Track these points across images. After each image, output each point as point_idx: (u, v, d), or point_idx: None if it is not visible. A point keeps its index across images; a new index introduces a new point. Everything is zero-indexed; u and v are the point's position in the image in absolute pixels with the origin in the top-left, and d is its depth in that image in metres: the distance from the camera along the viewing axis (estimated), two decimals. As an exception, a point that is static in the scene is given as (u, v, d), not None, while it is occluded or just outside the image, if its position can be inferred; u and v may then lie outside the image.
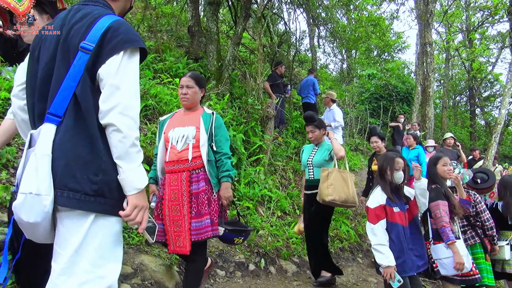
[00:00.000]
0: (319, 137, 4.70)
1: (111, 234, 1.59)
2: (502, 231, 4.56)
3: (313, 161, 4.62)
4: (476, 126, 24.39)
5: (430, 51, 12.06)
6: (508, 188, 4.49)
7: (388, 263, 3.34)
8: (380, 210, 3.51)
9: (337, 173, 4.25)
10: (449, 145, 9.89)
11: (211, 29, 9.72)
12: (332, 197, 4.11)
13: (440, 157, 4.09)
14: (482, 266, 4.24)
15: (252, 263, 4.69)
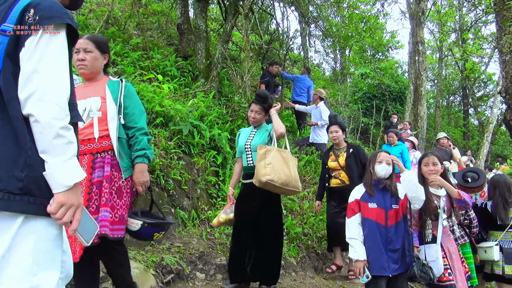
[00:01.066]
0: (261, 121, 4.17)
1: (47, 238, 1.42)
2: (491, 232, 4.46)
3: (252, 144, 4.01)
4: (470, 126, 24.40)
5: (422, 49, 11.98)
6: (498, 187, 4.38)
7: (357, 257, 3.32)
8: (355, 205, 3.51)
9: (277, 152, 3.72)
10: (442, 145, 9.76)
11: (199, 26, 9.59)
12: (269, 176, 3.51)
13: (424, 156, 3.96)
14: (472, 266, 4.16)
15: (235, 265, 4.53)
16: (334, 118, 5.44)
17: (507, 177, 4.56)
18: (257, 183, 3.65)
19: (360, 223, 3.44)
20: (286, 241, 5.50)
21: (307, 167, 7.96)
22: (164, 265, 3.87)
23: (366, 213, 3.44)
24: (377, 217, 3.42)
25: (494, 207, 4.31)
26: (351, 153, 5.12)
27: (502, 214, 4.23)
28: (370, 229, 3.39)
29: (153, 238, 2.89)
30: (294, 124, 11.01)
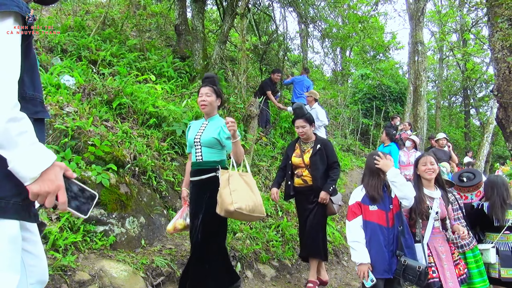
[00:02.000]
0: (213, 106, 3.63)
1: (2, 240, 1.37)
2: (488, 233, 4.39)
3: (202, 139, 3.56)
4: (471, 127, 24.29)
5: (421, 50, 11.90)
6: (495, 188, 4.31)
7: (361, 261, 3.26)
8: (356, 207, 3.45)
9: (238, 177, 3.37)
10: (441, 146, 9.72)
11: (196, 27, 9.57)
12: (237, 205, 3.12)
13: (421, 156, 3.90)
14: (482, 269, 4.07)
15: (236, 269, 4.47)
16: (300, 110, 4.73)
17: (504, 178, 4.51)
18: (222, 212, 3.22)
19: (362, 226, 3.39)
20: (281, 243, 5.43)
21: (304, 168, 7.88)
22: (154, 268, 3.80)
23: (368, 216, 3.39)
24: (379, 219, 3.37)
25: (491, 207, 4.23)
26: (318, 150, 4.51)
27: (499, 214, 4.16)
28: (372, 232, 3.35)
29: None
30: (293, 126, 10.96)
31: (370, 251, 3.30)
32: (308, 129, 4.59)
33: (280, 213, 6.14)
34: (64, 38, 7.57)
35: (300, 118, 4.60)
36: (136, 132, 5.08)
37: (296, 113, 4.74)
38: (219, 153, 3.63)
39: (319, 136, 4.81)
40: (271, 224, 5.71)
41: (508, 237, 4.23)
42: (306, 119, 4.59)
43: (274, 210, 6.12)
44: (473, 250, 4.15)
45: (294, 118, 4.76)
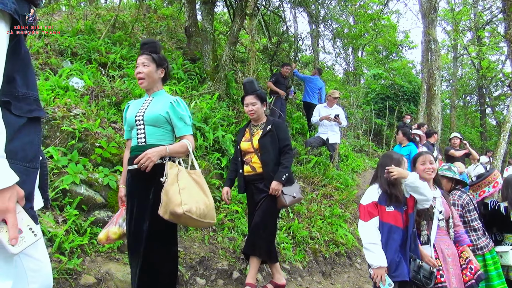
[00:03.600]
0: (152, 79, 2.96)
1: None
2: (507, 235, 4.24)
3: (146, 115, 2.89)
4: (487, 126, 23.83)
5: (435, 48, 11.67)
6: (510, 187, 4.16)
7: (379, 264, 3.08)
8: (373, 207, 3.26)
9: (186, 174, 2.75)
10: (454, 145, 9.52)
11: (206, 28, 9.51)
12: (187, 206, 2.54)
13: (420, 155, 3.76)
14: (500, 271, 3.97)
15: (237, 271, 4.38)
16: (250, 85, 4.08)
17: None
18: (166, 214, 2.58)
19: (378, 227, 3.24)
20: (292, 245, 5.33)
21: (315, 169, 7.77)
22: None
23: (385, 217, 3.23)
24: (396, 221, 3.23)
25: (509, 207, 4.09)
26: (268, 131, 3.95)
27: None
28: (390, 234, 3.20)
29: None
30: (304, 126, 10.86)
31: (387, 253, 3.15)
32: (259, 107, 4.01)
33: (292, 215, 6.04)
34: (75, 41, 7.59)
35: (250, 94, 4.01)
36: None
37: (246, 88, 4.12)
38: (167, 135, 2.95)
39: (271, 117, 4.25)
40: (282, 226, 5.61)
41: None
42: (258, 95, 4.00)
43: (285, 212, 6.01)
44: (490, 251, 4.03)
45: (243, 94, 4.14)
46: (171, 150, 2.81)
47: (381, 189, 3.32)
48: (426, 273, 3.23)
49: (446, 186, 4.16)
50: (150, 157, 2.67)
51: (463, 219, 3.98)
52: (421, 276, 3.20)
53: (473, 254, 3.87)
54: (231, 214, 5.25)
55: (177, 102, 2.94)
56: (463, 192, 4.11)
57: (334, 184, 7.63)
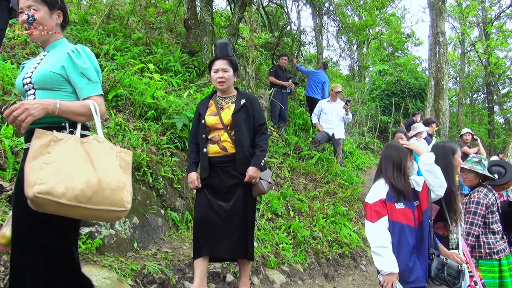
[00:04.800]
0: (46, 25, 2.20)
1: None
2: None
3: (34, 76, 2.15)
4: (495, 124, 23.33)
5: (443, 41, 11.24)
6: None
7: (390, 270, 2.68)
8: (380, 206, 2.84)
9: (74, 144, 1.98)
10: (466, 141, 9.10)
11: (205, 20, 9.19)
12: (43, 186, 1.77)
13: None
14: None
15: (231, 274, 4.00)
16: (224, 48, 3.50)
17: None
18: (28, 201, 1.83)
19: (388, 228, 2.85)
20: (292, 246, 4.95)
21: (318, 165, 7.38)
22: (145, 274, 3.36)
23: (395, 216, 2.84)
24: (407, 219, 2.86)
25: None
26: (243, 106, 3.37)
27: None
28: (401, 234, 2.81)
29: None
30: (308, 122, 10.48)
31: (399, 257, 2.77)
32: (231, 76, 3.40)
33: (292, 213, 5.65)
34: (67, 31, 7.25)
35: (222, 58, 3.40)
36: (132, 124, 4.67)
37: (218, 51, 3.50)
38: (66, 99, 2.13)
39: (243, 90, 3.69)
40: (282, 225, 5.22)
41: None
42: (231, 61, 3.39)
43: (285, 210, 5.63)
44: (507, 257, 3.65)
45: (214, 57, 3.51)
46: (64, 107, 2.00)
47: (387, 183, 2.93)
48: (453, 271, 2.84)
49: (473, 181, 3.77)
50: (29, 109, 1.87)
51: (485, 220, 3.60)
52: (446, 275, 2.81)
53: (489, 258, 3.58)
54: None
55: (76, 52, 2.17)
56: (489, 190, 3.70)
57: (338, 181, 7.24)
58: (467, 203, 3.65)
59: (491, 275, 3.58)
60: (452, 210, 3.14)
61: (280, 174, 6.55)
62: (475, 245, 3.62)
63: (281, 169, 6.65)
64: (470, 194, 3.70)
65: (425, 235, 2.95)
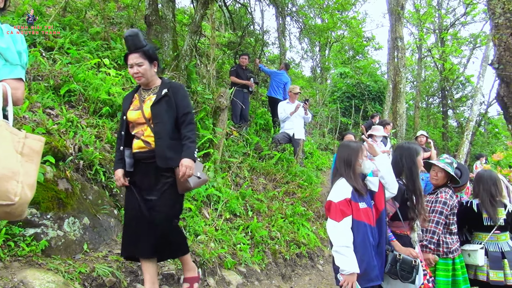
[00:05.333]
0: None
1: None
2: (476, 233, 4.00)
3: None
4: (448, 127, 24.31)
5: (401, 45, 11.58)
6: (483, 183, 3.92)
7: (352, 270, 2.69)
8: (346, 205, 2.84)
9: None
10: (420, 143, 9.42)
11: (166, 16, 9.01)
12: None
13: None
14: (466, 275, 3.79)
15: (186, 275, 3.92)
16: (134, 39, 3.15)
17: (493, 172, 4.10)
18: None
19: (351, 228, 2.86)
20: (250, 246, 4.92)
21: (278, 165, 7.40)
22: (94, 277, 3.23)
23: (359, 216, 2.86)
24: (369, 219, 2.91)
25: (482, 205, 3.85)
26: (164, 96, 3.15)
27: (490, 211, 3.77)
28: (365, 234, 2.84)
29: None
30: (269, 122, 10.50)
31: (364, 256, 2.80)
32: (147, 68, 3.14)
33: (251, 213, 5.62)
34: (18, 23, 6.90)
35: (135, 51, 3.12)
36: (85, 121, 4.49)
37: (128, 43, 3.19)
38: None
39: (167, 79, 3.39)
40: (240, 225, 5.18)
41: (498, 237, 3.86)
42: (144, 53, 3.12)
43: (244, 210, 5.59)
44: (459, 256, 3.79)
45: (126, 52, 3.24)
46: None
47: (349, 183, 2.95)
48: (407, 266, 2.90)
49: (441, 181, 3.87)
50: None
51: (446, 221, 3.71)
52: (399, 269, 2.87)
53: (445, 257, 3.68)
54: (184, 212, 4.77)
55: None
56: (454, 192, 3.84)
57: (298, 181, 7.28)
58: (433, 202, 3.74)
59: (445, 274, 3.69)
60: (418, 209, 3.21)
61: (239, 174, 6.51)
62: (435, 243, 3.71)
63: (240, 169, 6.61)
64: (436, 194, 3.80)
65: (382, 234, 3.01)
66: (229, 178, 6.12)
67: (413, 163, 3.29)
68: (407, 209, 3.23)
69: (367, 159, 3.00)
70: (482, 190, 3.90)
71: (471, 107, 12.74)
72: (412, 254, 3.03)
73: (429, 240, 3.64)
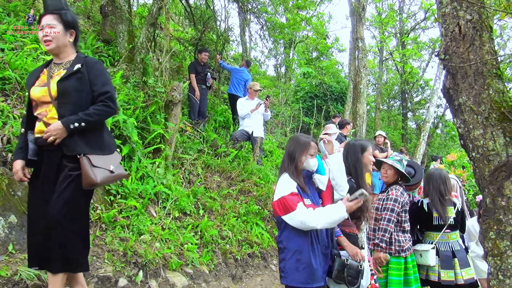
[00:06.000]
0: None
1: None
2: (427, 232, 3.96)
3: None
4: (408, 129, 24.93)
5: (362, 46, 11.67)
6: (432, 182, 3.89)
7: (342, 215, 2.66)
8: (295, 196, 2.68)
9: None
10: (378, 142, 9.52)
11: (121, 6, 8.62)
12: None
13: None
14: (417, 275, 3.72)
15: (125, 277, 3.65)
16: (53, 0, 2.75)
17: (443, 171, 4.07)
18: None
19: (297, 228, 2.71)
20: (198, 246, 4.70)
21: (234, 163, 7.20)
22: (16, 281, 2.93)
23: None
24: None
25: (432, 204, 3.82)
26: (76, 72, 2.70)
27: (440, 211, 3.74)
28: (305, 233, 2.69)
29: None
30: (229, 120, 10.30)
31: (306, 257, 2.67)
32: (60, 34, 2.68)
33: (202, 211, 5.40)
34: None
35: (50, 13, 2.70)
36: (19, 111, 4.13)
37: (46, 3, 2.77)
38: None
39: (83, 54, 2.88)
40: (188, 224, 4.95)
41: (448, 236, 3.83)
42: (61, 16, 2.69)
43: (195, 208, 5.36)
44: (411, 254, 3.73)
45: (41, 14, 2.79)
46: None
47: (291, 178, 2.80)
48: (353, 271, 2.78)
49: (391, 178, 3.80)
50: None
51: (398, 218, 3.63)
52: (346, 275, 2.74)
53: (397, 256, 3.60)
54: (128, 210, 4.49)
55: None
56: (405, 190, 3.77)
57: (254, 179, 7.11)
58: (384, 200, 3.67)
59: (397, 273, 3.61)
60: (363, 208, 3.10)
61: (193, 171, 6.27)
62: (387, 242, 3.62)
63: (194, 166, 6.36)
64: (387, 191, 3.72)
65: (329, 235, 2.90)
66: (181, 175, 5.87)
67: (357, 160, 3.20)
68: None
69: (313, 158, 2.83)
70: (432, 189, 3.88)
71: (428, 109, 12.99)
72: (358, 254, 2.92)
73: (380, 238, 3.56)
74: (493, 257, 2.14)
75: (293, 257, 2.68)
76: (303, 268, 2.65)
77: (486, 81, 2.12)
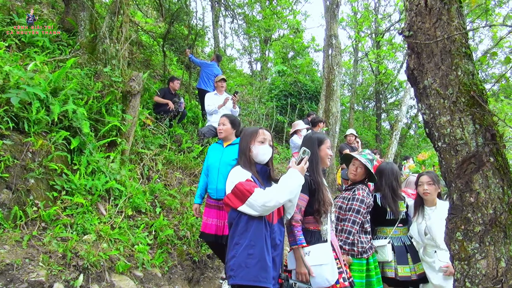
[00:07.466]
0: None
1: None
2: (380, 228, 3.80)
3: None
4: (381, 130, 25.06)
5: (336, 43, 11.48)
6: (384, 176, 3.72)
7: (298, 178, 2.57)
8: (250, 181, 2.51)
9: None
10: (349, 142, 9.34)
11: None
12: None
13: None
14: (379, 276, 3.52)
15: (61, 282, 3.27)
16: None
17: (394, 165, 3.92)
18: None
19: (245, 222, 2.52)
20: (151, 247, 4.35)
21: (198, 159, 6.86)
22: None
23: None
24: (269, 214, 2.58)
25: (383, 199, 3.64)
26: None
27: (392, 206, 3.57)
28: (258, 227, 2.47)
29: None
30: (198, 116, 9.96)
31: (257, 255, 2.43)
32: None
33: (159, 209, 5.04)
34: None
35: None
36: None
37: None
38: None
39: None
40: (141, 223, 4.58)
41: (401, 231, 3.73)
42: None
43: (151, 206, 5.00)
44: (372, 255, 3.52)
45: None
46: None
47: (245, 169, 2.55)
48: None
49: (360, 177, 3.60)
50: None
51: (362, 219, 3.40)
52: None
53: (360, 257, 3.39)
54: (73, 208, 4.10)
55: None
56: (370, 191, 3.55)
57: (219, 176, 6.77)
58: (350, 199, 3.43)
59: (359, 275, 3.39)
60: (320, 200, 2.87)
61: (153, 167, 5.90)
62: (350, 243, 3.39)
63: (154, 162, 5.99)
64: (353, 191, 3.49)
65: (281, 234, 2.65)
66: (139, 171, 5.50)
67: (313, 153, 2.95)
68: (314, 201, 2.89)
69: (263, 145, 2.59)
70: (384, 184, 3.72)
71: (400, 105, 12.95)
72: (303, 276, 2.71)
73: (344, 240, 3.34)
74: (459, 261, 1.88)
75: (244, 252, 2.44)
76: (255, 263, 2.42)
77: (454, 60, 1.87)
